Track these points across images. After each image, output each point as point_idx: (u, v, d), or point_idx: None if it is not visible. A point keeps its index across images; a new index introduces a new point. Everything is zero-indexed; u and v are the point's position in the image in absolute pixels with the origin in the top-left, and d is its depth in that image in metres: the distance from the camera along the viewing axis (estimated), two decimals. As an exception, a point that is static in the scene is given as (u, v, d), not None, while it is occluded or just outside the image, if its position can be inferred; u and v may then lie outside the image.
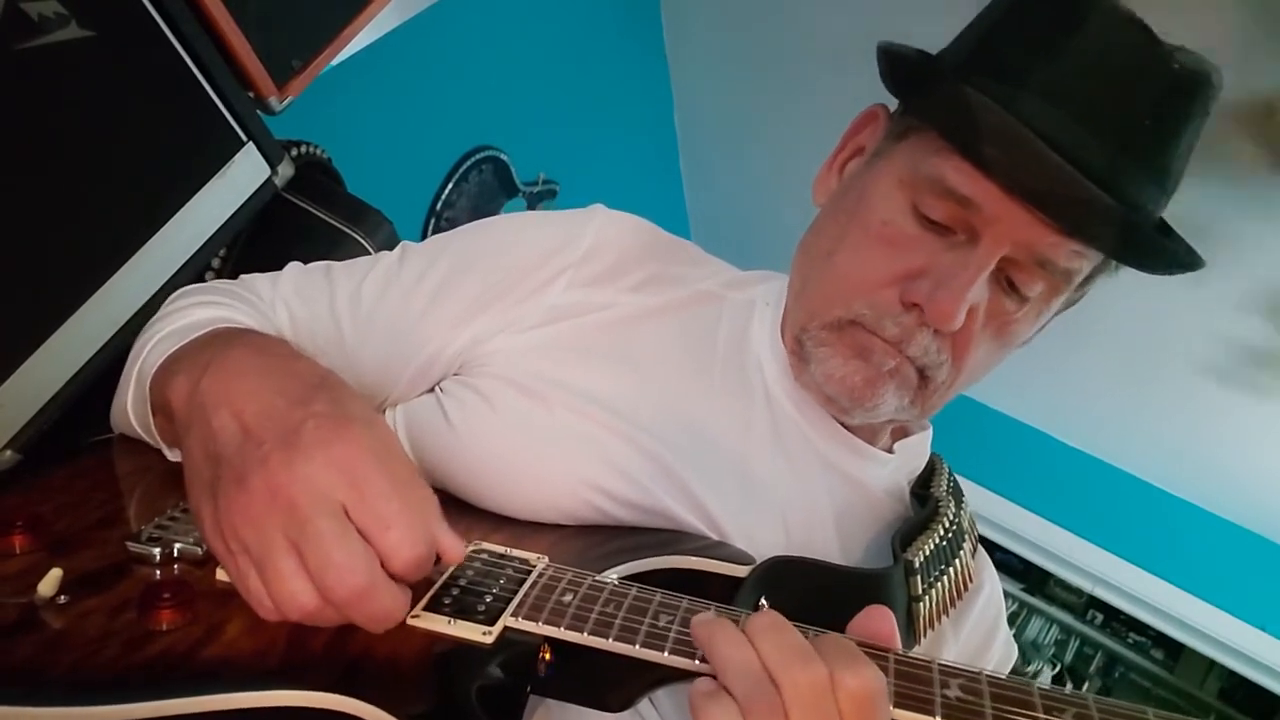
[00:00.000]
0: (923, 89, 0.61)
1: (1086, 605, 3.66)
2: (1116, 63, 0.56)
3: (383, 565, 0.43)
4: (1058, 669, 3.64)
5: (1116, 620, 3.61)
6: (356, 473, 0.43)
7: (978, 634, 0.72)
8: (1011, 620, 0.78)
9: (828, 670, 0.41)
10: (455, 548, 0.47)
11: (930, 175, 0.59)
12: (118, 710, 0.41)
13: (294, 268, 0.74)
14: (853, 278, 0.63)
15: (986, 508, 2.94)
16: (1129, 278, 0.63)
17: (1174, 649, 3.48)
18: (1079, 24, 0.56)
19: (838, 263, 0.64)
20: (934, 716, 0.40)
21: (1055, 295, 0.61)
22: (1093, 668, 3.64)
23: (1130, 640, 3.64)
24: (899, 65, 0.63)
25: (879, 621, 0.46)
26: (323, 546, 0.41)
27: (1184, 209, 0.62)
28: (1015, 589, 3.62)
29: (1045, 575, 3.46)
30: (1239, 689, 3.09)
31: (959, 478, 0.78)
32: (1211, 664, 3.19)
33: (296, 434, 0.43)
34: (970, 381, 0.65)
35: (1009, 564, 3.34)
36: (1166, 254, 0.59)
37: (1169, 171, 0.58)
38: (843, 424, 0.69)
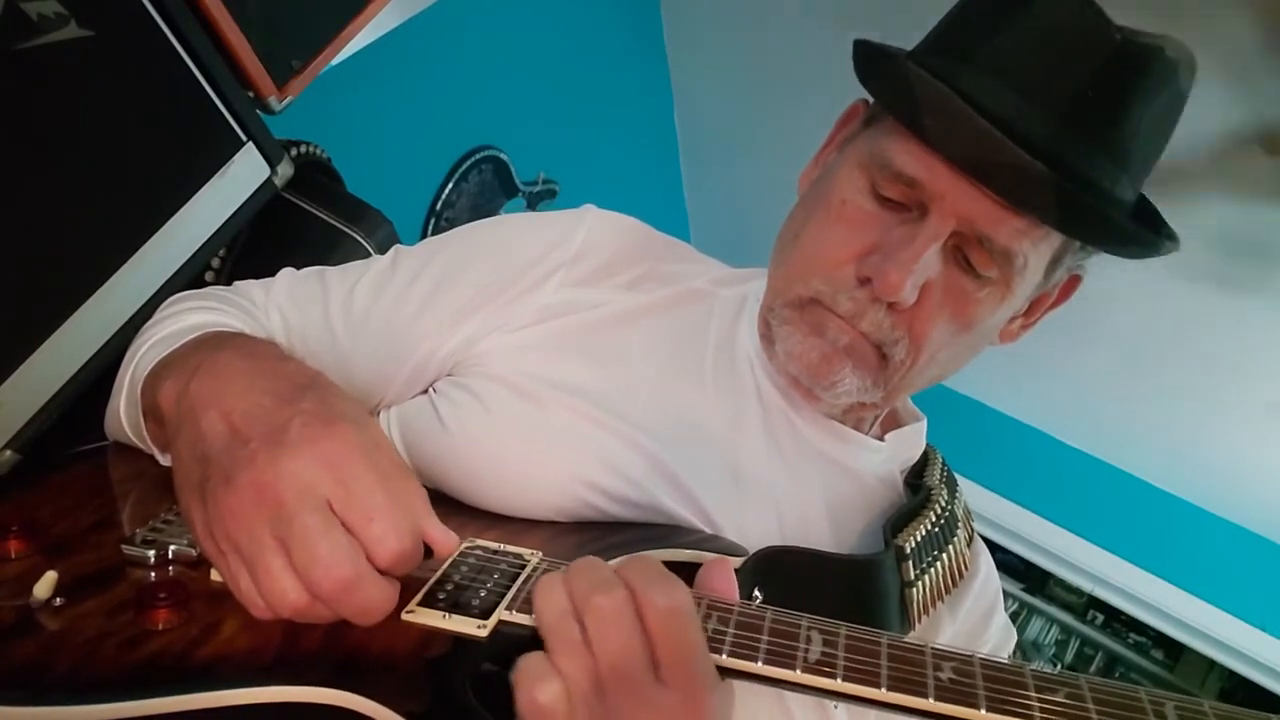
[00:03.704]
0: (878, 73, 0.63)
1: (1086, 605, 3.65)
2: (1057, 36, 0.56)
3: (370, 560, 0.43)
4: (1058, 669, 3.63)
5: (1117, 620, 3.61)
6: (343, 468, 0.43)
7: (973, 617, 0.72)
8: (1011, 620, 0.78)
9: (627, 593, 0.42)
10: (446, 540, 0.47)
11: (882, 158, 0.60)
12: (116, 708, 0.41)
13: (287, 273, 0.74)
14: (813, 256, 0.64)
15: (986, 508, 2.94)
16: (1129, 276, 0.63)
17: (1174, 649, 3.47)
18: (1027, 2, 0.57)
19: (802, 243, 0.65)
20: (927, 698, 0.41)
21: (1010, 280, 0.61)
22: (1093, 668, 3.62)
23: (1130, 640, 3.64)
24: (863, 54, 0.64)
25: (716, 579, 0.49)
26: (308, 542, 0.41)
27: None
28: (1015, 589, 3.62)
29: (1045, 575, 3.46)
30: (1239, 689, 3.08)
31: (957, 475, 0.78)
32: (1211, 664, 3.18)
33: (283, 432, 0.44)
34: (938, 367, 0.65)
35: (1009, 564, 3.34)
36: (1114, 228, 0.58)
37: (1124, 147, 0.58)
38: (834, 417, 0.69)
